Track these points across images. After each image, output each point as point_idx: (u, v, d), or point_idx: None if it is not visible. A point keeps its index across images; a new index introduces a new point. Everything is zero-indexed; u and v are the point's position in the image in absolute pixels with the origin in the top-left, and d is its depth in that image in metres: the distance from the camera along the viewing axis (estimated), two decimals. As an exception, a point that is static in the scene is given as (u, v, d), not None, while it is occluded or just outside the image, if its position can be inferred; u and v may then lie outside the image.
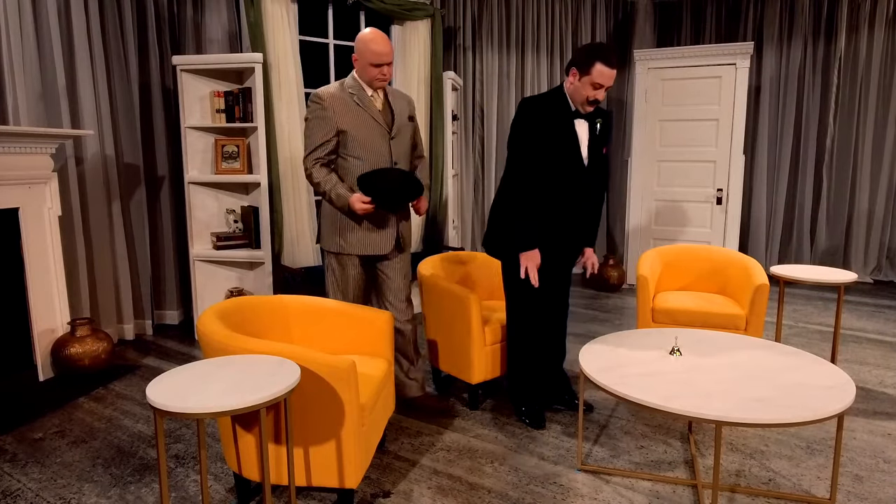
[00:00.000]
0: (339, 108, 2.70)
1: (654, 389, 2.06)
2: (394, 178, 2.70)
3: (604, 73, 2.57)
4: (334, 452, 2.09)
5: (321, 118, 2.69)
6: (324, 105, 2.68)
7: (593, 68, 2.56)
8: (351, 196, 2.69)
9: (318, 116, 2.70)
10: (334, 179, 2.72)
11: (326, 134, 2.70)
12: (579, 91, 2.64)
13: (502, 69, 5.97)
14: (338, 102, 2.70)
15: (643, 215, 5.82)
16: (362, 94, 2.74)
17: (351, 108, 2.72)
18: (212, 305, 2.33)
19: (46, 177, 3.51)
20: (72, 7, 3.77)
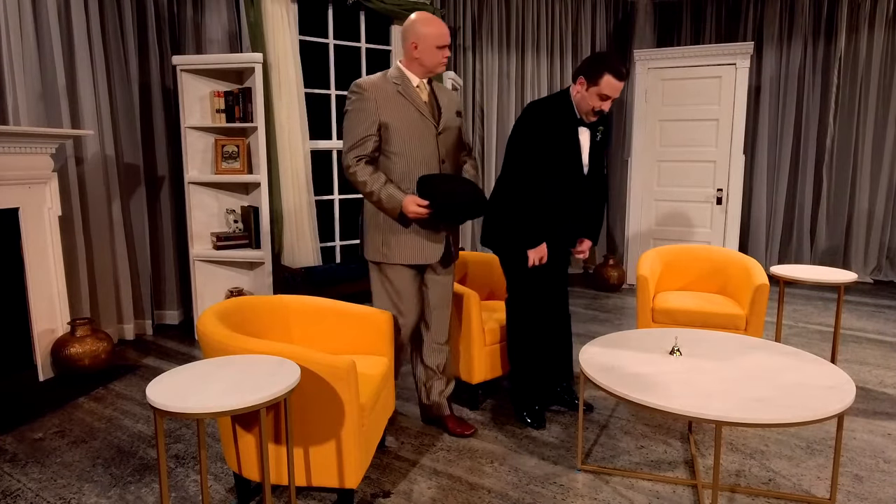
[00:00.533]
0: (381, 99, 2.44)
1: (654, 389, 2.06)
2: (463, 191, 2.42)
3: (612, 84, 2.57)
4: (334, 452, 2.09)
5: (362, 109, 2.43)
6: (365, 95, 2.42)
7: (602, 79, 2.57)
8: (405, 196, 2.43)
9: (359, 108, 2.43)
10: (383, 178, 2.45)
11: (369, 127, 2.43)
12: (586, 100, 2.64)
13: (502, 69, 5.97)
14: (380, 93, 2.45)
15: (643, 215, 5.82)
16: (407, 85, 2.50)
17: (394, 100, 2.46)
18: (212, 305, 2.33)
19: (46, 177, 3.51)
20: (72, 7, 3.77)
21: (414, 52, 2.48)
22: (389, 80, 2.49)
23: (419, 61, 2.49)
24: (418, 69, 2.51)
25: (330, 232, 4.98)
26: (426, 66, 2.50)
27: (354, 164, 2.44)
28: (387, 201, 2.44)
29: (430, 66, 2.50)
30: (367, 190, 2.45)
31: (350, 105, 2.46)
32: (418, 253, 2.55)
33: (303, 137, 4.48)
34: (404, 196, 2.42)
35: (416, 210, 2.41)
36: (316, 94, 4.79)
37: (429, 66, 2.50)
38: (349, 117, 2.45)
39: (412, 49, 2.47)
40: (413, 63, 2.50)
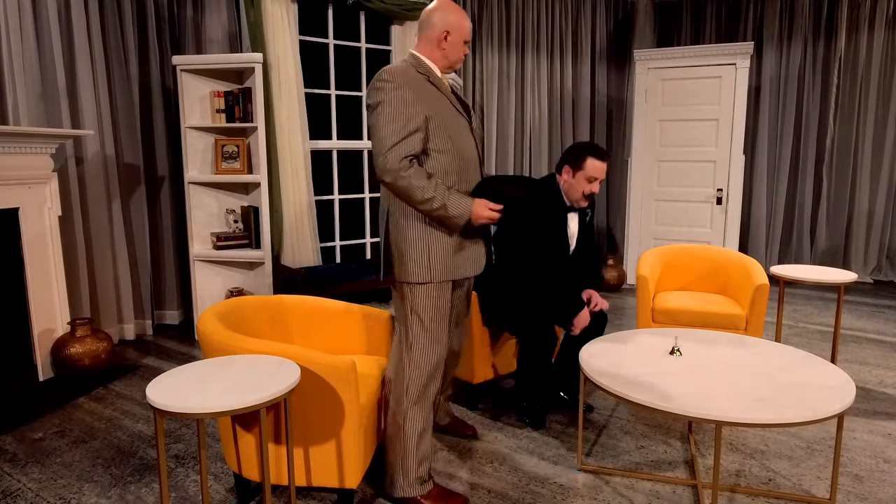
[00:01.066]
0: (417, 89, 2.09)
1: (654, 389, 2.06)
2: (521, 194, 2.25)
3: (596, 165, 2.72)
4: (334, 452, 2.09)
5: (402, 100, 2.04)
6: (399, 83, 2.05)
7: (586, 162, 2.72)
8: (474, 201, 2.10)
9: (398, 98, 2.04)
10: (442, 184, 2.08)
11: (415, 120, 2.05)
12: (575, 187, 2.78)
13: (502, 69, 5.97)
14: (414, 82, 2.10)
15: (643, 215, 5.82)
16: (434, 75, 2.19)
17: (427, 90, 2.13)
18: (212, 305, 2.33)
19: (46, 177, 3.51)
20: (72, 7, 3.77)
21: (443, 42, 2.18)
22: (415, 69, 2.16)
23: (444, 53, 2.20)
24: (441, 62, 2.21)
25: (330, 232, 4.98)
26: (450, 59, 2.22)
27: (406, 166, 2.02)
28: (453, 208, 2.06)
29: (453, 59, 2.23)
30: (425, 197, 2.04)
31: (382, 96, 2.05)
32: (471, 263, 2.25)
33: (303, 137, 4.48)
34: (472, 201, 2.11)
35: (490, 215, 2.12)
36: (316, 94, 4.79)
37: (453, 59, 2.23)
38: (384, 111, 2.04)
39: (441, 39, 2.17)
40: (437, 54, 2.20)
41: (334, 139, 4.92)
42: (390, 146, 2.02)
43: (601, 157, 2.74)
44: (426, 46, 2.21)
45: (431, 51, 2.20)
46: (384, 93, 2.05)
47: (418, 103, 2.07)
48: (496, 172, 6.07)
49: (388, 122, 2.03)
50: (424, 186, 2.03)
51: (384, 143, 2.02)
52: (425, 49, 2.21)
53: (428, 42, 2.20)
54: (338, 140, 4.93)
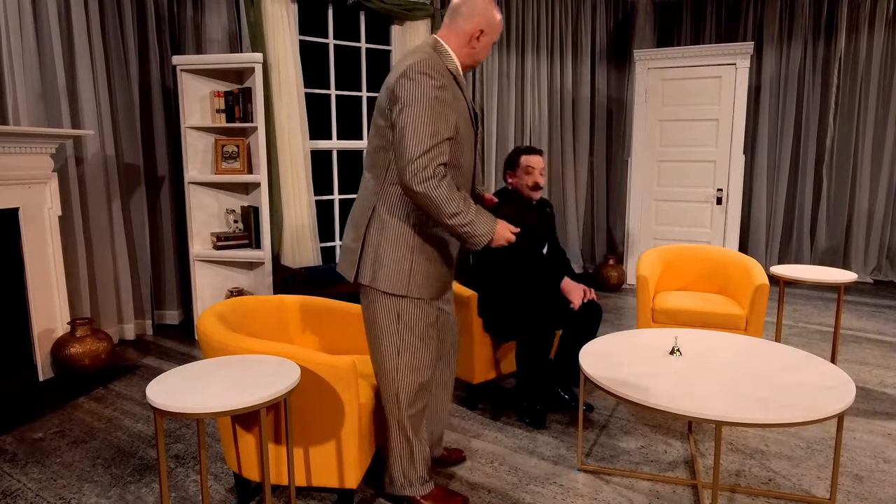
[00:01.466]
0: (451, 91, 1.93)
1: (654, 389, 2.06)
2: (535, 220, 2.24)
3: (529, 159, 3.03)
4: (334, 452, 2.09)
5: (441, 101, 1.86)
6: (439, 82, 1.86)
7: (520, 160, 3.04)
8: (498, 222, 1.97)
9: (436, 98, 1.85)
10: (467, 196, 1.92)
11: (450, 126, 1.88)
12: (520, 183, 3.07)
13: (502, 69, 5.97)
14: (446, 80, 1.91)
15: (643, 215, 5.82)
16: (459, 77, 2.01)
17: (455, 94, 1.95)
18: (212, 305, 2.33)
19: (46, 177, 3.51)
20: (72, 7, 3.77)
21: (475, 40, 1.99)
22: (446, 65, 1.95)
23: (473, 52, 2.01)
24: (466, 59, 2.03)
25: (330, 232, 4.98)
26: (476, 59, 2.04)
27: (441, 174, 1.84)
28: (480, 226, 1.91)
29: (479, 59, 2.05)
30: (455, 211, 1.86)
31: (419, 91, 1.83)
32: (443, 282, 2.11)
33: (303, 137, 4.48)
34: (497, 221, 1.96)
35: (509, 237, 1.98)
36: (316, 94, 4.79)
37: (479, 59, 2.05)
38: (421, 110, 1.82)
39: (475, 35, 1.98)
40: (465, 50, 2.00)
41: (334, 139, 4.92)
42: (426, 149, 1.82)
43: (532, 152, 3.05)
44: (455, 39, 2.00)
45: (460, 46, 2.00)
46: (421, 88, 1.83)
47: (452, 108, 1.90)
48: (496, 174, 6.07)
49: (425, 124, 1.82)
50: (456, 199, 1.86)
51: (419, 146, 1.81)
52: (453, 41, 2.00)
53: (458, 35, 1.99)
54: (338, 140, 4.93)
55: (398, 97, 1.86)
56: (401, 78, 1.87)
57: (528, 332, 2.83)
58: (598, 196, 6.63)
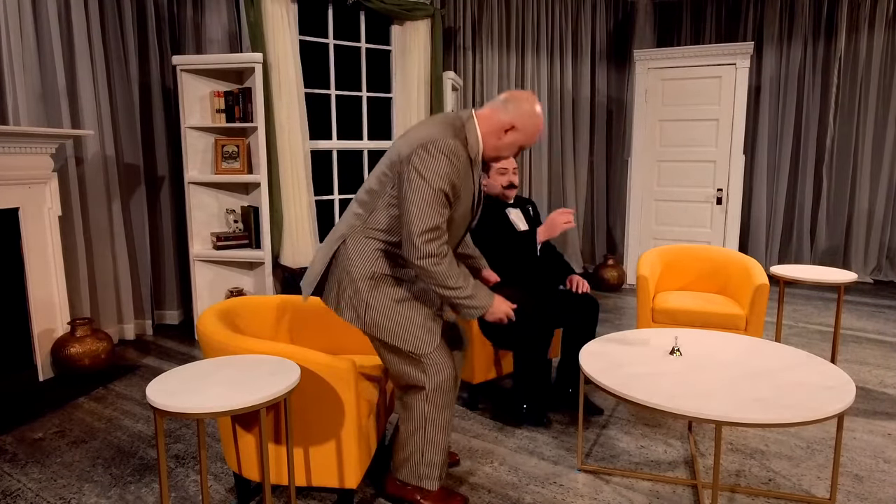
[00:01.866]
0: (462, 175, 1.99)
1: (654, 389, 2.06)
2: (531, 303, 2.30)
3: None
4: (334, 452, 2.09)
5: (450, 184, 1.95)
6: (455, 165, 1.94)
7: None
8: (494, 297, 2.07)
9: (447, 180, 1.92)
10: (466, 271, 2.03)
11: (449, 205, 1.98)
12: (493, 185, 3.06)
13: (502, 69, 5.97)
14: (462, 166, 1.98)
15: (643, 215, 5.82)
16: (477, 161, 2.08)
17: (464, 176, 2.01)
18: (212, 305, 2.33)
19: (46, 177, 3.51)
20: (72, 7, 3.77)
21: (504, 133, 2.04)
22: (464, 148, 2.00)
23: (497, 144, 2.07)
24: (490, 149, 2.08)
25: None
26: (499, 153, 2.10)
27: (445, 251, 1.94)
28: (478, 300, 2.02)
29: (501, 155, 2.11)
30: (452, 286, 1.96)
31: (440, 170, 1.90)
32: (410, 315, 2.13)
33: (303, 137, 4.48)
34: (493, 296, 2.06)
35: (507, 312, 2.09)
36: (316, 94, 4.78)
37: (501, 154, 2.11)
38: (430, 190, 1.90)
39: (506, 128, 2.04)
40: (491, 140, 2.06)
41: (334, 139, 4.92)
42: (430, 227, 1.90)
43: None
44: (488, 123, 2.05)
45: (490, 132, 2.05)
46: (437, 166, 1.90)
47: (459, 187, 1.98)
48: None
49: (432, 203, 1.90)
50: (456, 275, 1.96)
51: (424, 224, 1.90)
52: (486, 124, 2.05)
53: (492, 121, 2.05)
54: (338, 140, 4.93)
55: (413, 166, 1.92)
56: (420, 149, 1.92)
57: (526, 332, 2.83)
58: (598, 196, 6.63)
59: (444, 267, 1.93)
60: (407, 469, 2.18)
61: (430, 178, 1.90)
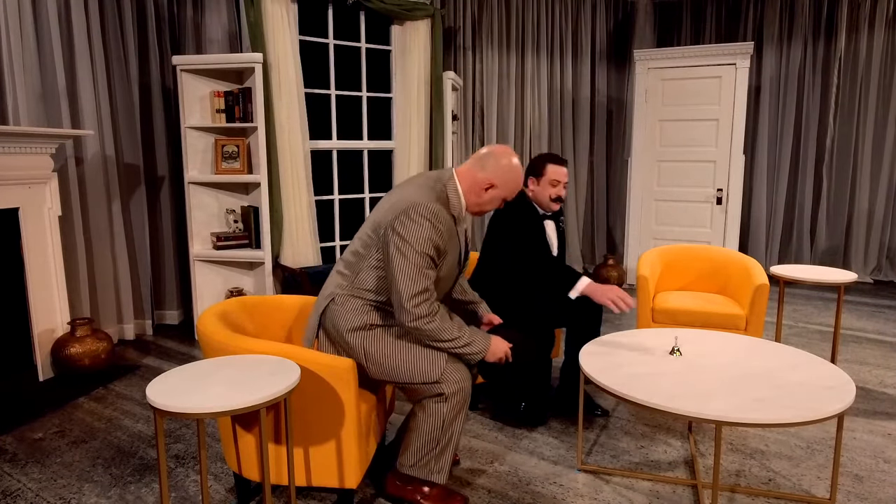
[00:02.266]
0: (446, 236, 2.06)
1: (654, 389, 2.06)
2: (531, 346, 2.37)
3: (556, 170, 2.94)
4: (334, 452, 2.09)
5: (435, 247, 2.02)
6: (437, 229, 2.01)
7: (546, 169, 2.94)
8: (491, 338, 2.14)
9: (431, 243, 1.99)
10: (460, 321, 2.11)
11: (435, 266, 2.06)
12: (542, 193, 2.97)
13: (502, 69, 5.97)
14: (445, 227, 2.05)
15: (643, 215, 5.82)
16: (460, 220, 2.16)
17: (449, 237, 2.09)
18: (212, 305, 2.33)
19: (46, 177, 3.51)
20: (72, 7, 3.77)
21: (484, 191, 2.13)
22: (450, 209, 2.09)
23: (479, 201, 2.15)
24: (473, 206, 2.17)
25: (330, 232, 4.98)
26: (482, 208, 2.18)
27: (435, 310, 2.02)
28: (476, 345, 2.09)
29: (484, 209, 2.18)
30: (448, 338, 2.04)
31: (424, 234, 1.97)
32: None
33: (303, 137, 4.48)
34: (490, 337, 2.14)
35: (505, 352, 2.15)
36: (316, 94, 4.78)
37: (484, 209, 2.18)
38: (415, 255, 1.97)
39: (483, 186, 2.12)
40: (472, 198, 2.15)
41: (334, 139, 4.92)
42: (419, 291, 1.98)
43: (560, 162, 2.96)
44: (469, 181, 2.14)
45: (470, 189, 2.14)
46: (420, 231, 1.97)
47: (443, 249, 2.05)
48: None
49: (418, 266, 1.97)
50: (449, 328, 2.03)
51: (412, 288, 1.97)
52: (466, 182, 2.14)
53: (473, 179, 2.13)
54: (338, 140, 4.93)
55: (397, 233, 2.00)
56: (402, 215, 2.00)
57: (529, 332, 2.83)
58: (598, 196, 6.63)
59: (436, 324, 2.01)
60: (419, 464, 2.19)
61: (414, 243, 1.97)
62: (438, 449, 2.15)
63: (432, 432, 2.13)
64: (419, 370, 2.09)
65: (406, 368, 2.09)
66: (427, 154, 5.15)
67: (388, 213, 2.05)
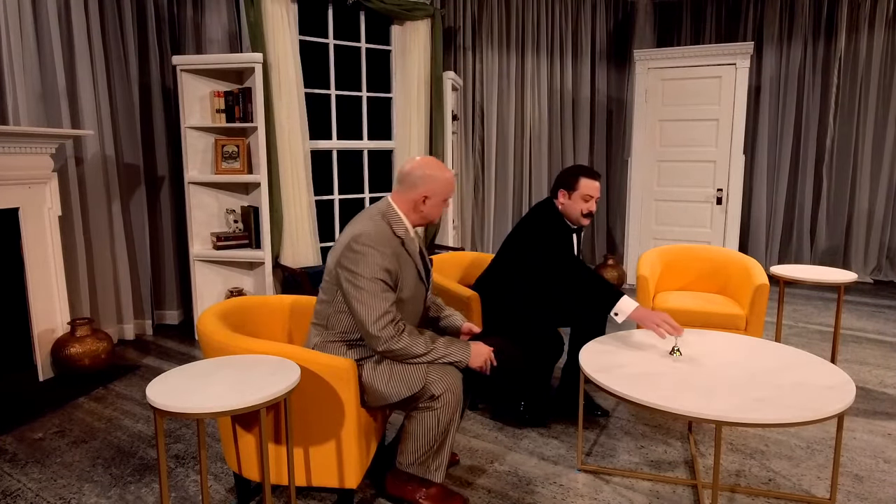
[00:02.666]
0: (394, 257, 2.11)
1: (654, 389, 2.06)
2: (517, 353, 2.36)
3: (589, 184, 2.85)
4: (334, 452, 2.09)
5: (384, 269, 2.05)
6: (381, 252, 2.06)
7: (580, 183, 2.84)
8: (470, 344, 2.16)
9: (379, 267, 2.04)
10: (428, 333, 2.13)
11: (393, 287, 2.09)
12: (573, 207, 2.88)
13: (502, 69, 5.97)
14: (394, 249, 2.11)
15: (643, 215, 5.82)
16: (409, 240, 2.20)
17: (402, 258, 2.14)
18: (212, 305, 2.33)
19: (46, 177, 3.51)
20: (72, 7, 3.77)
21: (421, 204, 2.19)
22: (394, 233, 2.15)
23: (422, 215, 2.22)
24: (418, 221, 2.24)
25: (330, 232, 4.98)
26: (428, 218, 2.24)
27: (401, 329, 2.06)
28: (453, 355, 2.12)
29: (431, 218, 2.24)
30: (421, 352, 2.07)
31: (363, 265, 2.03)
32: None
33: (303, 137, 4.48)
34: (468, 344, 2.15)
35: (488, 354, 2.17)
36: (316, 94, 4.79)
37: (430, 218, 2.24)
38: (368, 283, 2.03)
39: (420, 201, 2.18)
40: (414, 215, 2.22)
41: (334, 139, 4.92)
42: (379, 316, 2.03)
43: (593, 176, 2.87)
44: (404, 204, 2.20)
45: (409, 210, 2.21)
46: (365, 260, 2.04)
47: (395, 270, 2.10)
48: (496, 174, 6.06)
49: (372, 293, 2.03)
50: (420, 342, 2.07)
51: (371, 315, 2.03)
52: (403, 205, 2.20)
53: (406, 200, 2.20)
54: (338, 140, 4.93)
55: (345, 268, 2.07)
56: (346, 251, 2.08)
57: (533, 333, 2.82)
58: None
59: (406, 340, 2.05)
60: (417, 463, 2.19)
61: (362, 272, 2.04)
62: (435, 448, 2.16)
63: (428, 432, 2.14)
64: (406, 384, 2.10)
65: (395, 388, 2.11)
66: (427, 154, 5.15)
67: (336, 255, 2.13)
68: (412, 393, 2.10)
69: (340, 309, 2.15)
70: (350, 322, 2.15)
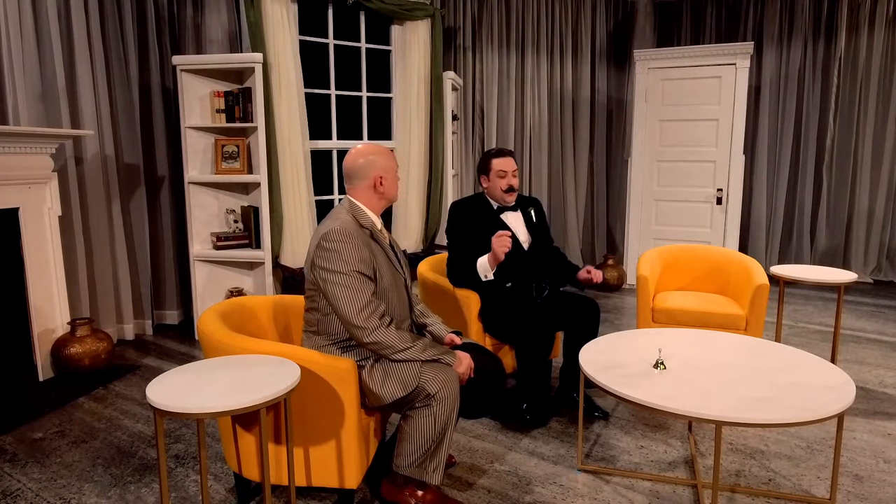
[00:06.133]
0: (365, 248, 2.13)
1: (654, 389, 2.06)
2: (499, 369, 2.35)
3: (500, 162, 3.01)
4: (334, 452, 2.09)
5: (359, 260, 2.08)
6: (352, 244, 2.08)
7: (491, 163, 3.02)
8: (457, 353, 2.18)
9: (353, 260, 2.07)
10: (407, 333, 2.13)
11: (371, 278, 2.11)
12: (494, 187, 3.04)
13: (502, 69, 5.97)
14: (361, 241, 2.12)
15: (643, 215, 5.82)
16: (375, 230, 2.23)
17: (372, 248, 2.17)
18: (212, 305, 2.33)
19: (46, 177, 3.51)
20: (72, 7, 3.77)
21: (380, 186, 2.23)
22: (360, 224, 2.18)
23: (382, 195, 2.26)
24: (381, 203, 2.28)
25: (330, 232, 4.98)
26: (389, 196, 2.29)
27: (386, 323, 2.07)
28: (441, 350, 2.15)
29: (392, 196, 2.30)
30: (406, 346, 2.08)
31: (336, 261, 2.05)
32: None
33: (303, 137, 4.48)
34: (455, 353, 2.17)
35: (469, 363, 2.18)
36: (316, 94, 4.79)
37: (391, 196, 2.29)
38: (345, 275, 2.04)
39: (377, 184, 2.23)
40: (375, 200, 2.26)
41: (334, 139, 4.92)
42: (360, 309, 2.04)
43: (502, 154, 3.03)
44: (363, 194, 2.24)
45: (370, 198, 2.24)
46: (338, 255, 2.05)
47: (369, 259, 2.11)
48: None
49: (350, 287, 2.04)
50: (406, 337, 2.10)
51: (353, 309, 2.04)
52: (363, 196, 2.24)
53: (363, 191, 2.24)
54: (338, 140, 4.93)
55: (320, 267, 2.09)
56: (317, 251, 2.10)
57: (529, 333, 2.83)
58: (598, 196, 6.63)
59: (393, 332, 2.07)
60: (413, 465, 2.18)
61: (338, 268, 2.05)
62: (432, 449, 2.15)
63: (425, 432, 2.13)
64: (401, 384, 2.10)
65: (391, 389, 2.11)
66: (427, 154, 5.15)
67: (310, 259, 2.16)
68: (407, 392, 2.10)
69: (328, 312, 2.17)
70: (339, 324, 2.16)
